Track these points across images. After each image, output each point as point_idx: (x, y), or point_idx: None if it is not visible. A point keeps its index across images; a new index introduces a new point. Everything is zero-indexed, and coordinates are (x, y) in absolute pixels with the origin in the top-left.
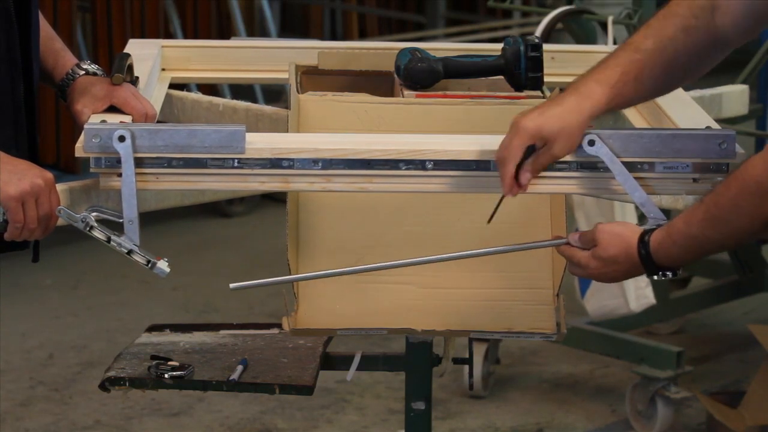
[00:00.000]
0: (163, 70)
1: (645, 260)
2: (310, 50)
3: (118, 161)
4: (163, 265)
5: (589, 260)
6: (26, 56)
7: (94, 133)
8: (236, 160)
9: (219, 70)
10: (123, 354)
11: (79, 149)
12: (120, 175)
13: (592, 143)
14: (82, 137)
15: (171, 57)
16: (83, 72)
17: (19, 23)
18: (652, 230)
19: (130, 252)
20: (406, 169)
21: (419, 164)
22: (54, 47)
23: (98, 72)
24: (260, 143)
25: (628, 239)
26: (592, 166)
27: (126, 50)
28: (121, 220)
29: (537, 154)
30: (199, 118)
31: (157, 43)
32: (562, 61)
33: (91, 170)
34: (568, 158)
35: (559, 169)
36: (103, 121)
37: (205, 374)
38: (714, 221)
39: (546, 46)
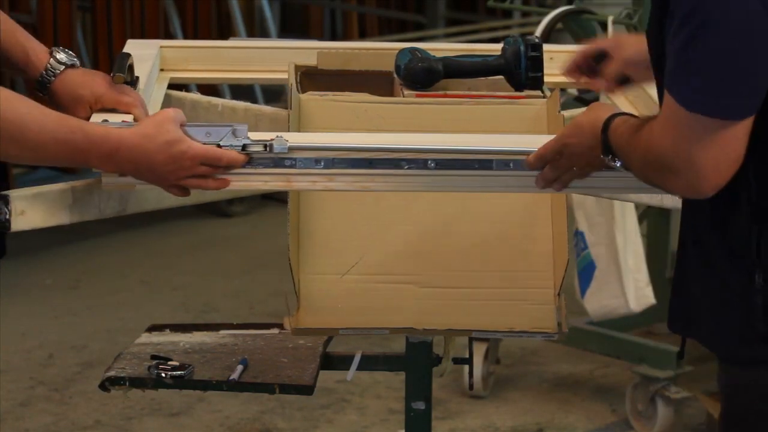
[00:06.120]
0: (162, 70)
1: (603, 134)
2: (309, 50)
3: None
4: (280, 141)
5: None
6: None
7: None
8: None
9: (217, 71)
10: (123, 354)
11: None
12: (122, 174)
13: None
14: None
15: (169, 57)
16: (62, 66)
17: None
18: (621, 114)
19: (244, 147)
20: (408, 168)
21: (421, 163)
22: (19, 40)
23: (75, 60)
24: None
25: (601, 113)
26: None
27: (124, 51)
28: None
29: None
30: (198, 119)
31: (156, 44)
32: (560, 61)
33: (94, 170)
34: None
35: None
36: (105, 121)
37: (205, 374)
38: (627, 149)
39: (554, 47)
